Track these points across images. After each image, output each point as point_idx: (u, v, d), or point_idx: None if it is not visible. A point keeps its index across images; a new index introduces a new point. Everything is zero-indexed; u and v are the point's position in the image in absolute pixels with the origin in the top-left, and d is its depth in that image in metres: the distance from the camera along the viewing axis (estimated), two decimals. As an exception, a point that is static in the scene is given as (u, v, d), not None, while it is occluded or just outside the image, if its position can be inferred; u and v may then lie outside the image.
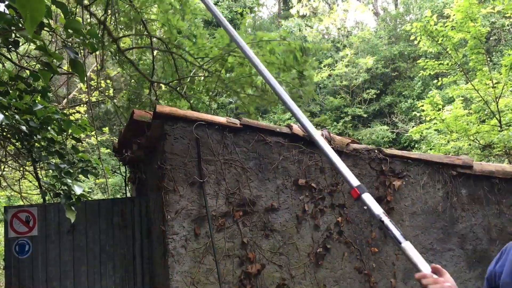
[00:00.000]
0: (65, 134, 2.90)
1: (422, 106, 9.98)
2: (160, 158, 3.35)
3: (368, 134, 17.96)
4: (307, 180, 3.67)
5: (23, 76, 2.80)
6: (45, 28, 2.24)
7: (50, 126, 2.68)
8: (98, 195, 12.77)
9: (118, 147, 4.41)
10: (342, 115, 19.52)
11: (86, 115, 9.86)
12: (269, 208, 3.53)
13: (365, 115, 19.52)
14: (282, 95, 1.81)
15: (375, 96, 19.40)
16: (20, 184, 6.02)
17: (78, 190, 2.53)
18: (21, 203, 6.38)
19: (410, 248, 1.41)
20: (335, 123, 19.26)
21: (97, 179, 11.31)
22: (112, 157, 13.24)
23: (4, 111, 2.36)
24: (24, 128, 2.51)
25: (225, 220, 3.39)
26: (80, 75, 2.24)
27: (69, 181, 2.54)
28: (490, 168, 4.21)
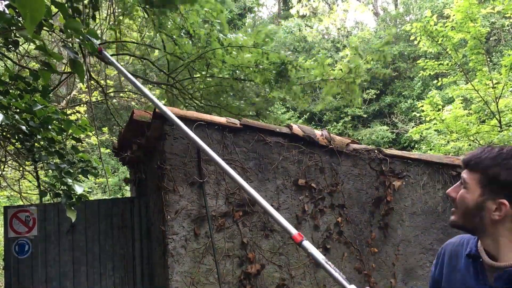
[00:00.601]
0: (65, 134, 2.90)
1: (422, 106, 9.98)
2: (160, 158, 3.35)
3: (368, 134, 17.97)
4: (307, 180, 3.67)
5: (23, 75, 2.80)
6: (44, 28, 2.24)
7: (50, 126, 2.68)
8: (98, 195, 12.77)
9: (118, 147, 4.41)
10: (342, 115, 19.52)
11: (86, 115, 9.86)
12: (269, 208, 3.53)
13: (365, 116, 19.53)
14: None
15: (375, 96, 19.41)
16: (20, 184, 6.02)
17: (79, 190, 2.53)
18: (20, 203, 6.38)
19: None
20: (335, 123, 19.26)
21: (97, 179, 11.32)
22: (112, 157, 13.25)
23: (4, 111, 2.36)
24: (24, 128, 2.51)
25: (225, 220, 3.39)
26: (80, 75, 2.24)
27: (69, 181, 2.54)
28: (490, 169, 4.20)
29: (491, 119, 9.34)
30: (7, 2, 2.17)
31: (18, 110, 2.58)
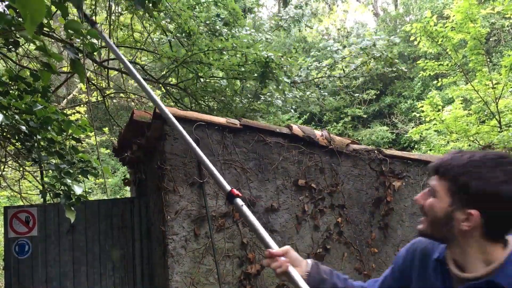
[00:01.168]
0: (65, 134, 2.90)
1: (422, 106, 9.98)
2: (160, 158, 3.35)
3: (368, 135, 17.96)
4: (307, 180, 3.67)
5: (24, 76, 2.80)
6: (45, 29, 2.24)
7: (50, 126, 2.68)
8: (97, 195, 12.77)
9: (118, 147, 4.42)
10: (342, 116, 19.52)
11: (86, 115, 9.86)
12: (269, 209, 3.53)
13: (365, 116, 19.52)
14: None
15: (375, 96, 19.40)
16: (20, 184, 6.02)
17: (78, 190, 2.53)
18: (20, 203, 6.38)
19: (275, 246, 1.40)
20: (334, 124, 19.26)
21: (97, 180, 11.31)
22: (112, 157, 13.25)
23: (4, 111, 2.36)
24: (24, 128, 2.51)
25: (224, 220, 3.39)
26: (80, 75, 2.24)
27: (69, 181, 2.54)
28: (490, 169, 4.20)
29: (491, 120, 9.34)
30: (7, 3, 2.17)
31: (18, 111, 2.58)
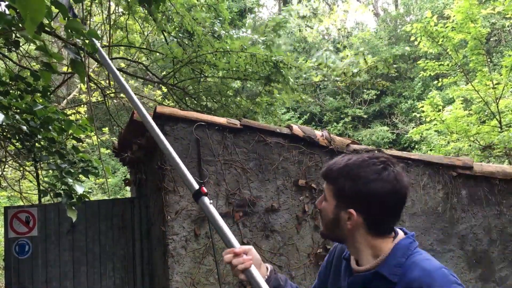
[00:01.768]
0: (65, 134, 2.90)
1: (422, 107, 9.98)
2: (160, 158, 3.35)
3: (368, 135, 17.96)
4: (307, 180, 3.67)
5: (24, 76, 2.80)
6: (45, 29, 2.24)
7: (51, 126, 2.68)
8: (98, 195, 12.77)
9: (118, 147, 4.42)
10: (342, 116, 19.52)
11: (87, 115, 9.86)
12: (269, 209, 3.53)
13: (365, 116, 19.52)
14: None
15: (375, 97, 19.40)
16: (20, 184, 6.03)
17: (79, 190, 2.53)
18: (21, 203, 6.38)
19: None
20: (335, 124, 19.26)
21: (97, 180, 11.32)
22: (112, 157, 13.24)
23: (5, 111, 2.36)
24: (24, 128, 2.51)
25: (225, 220, 3.38)
26: (80, 75, 2.24)
27: (70, 180, 2.54)
28: (490, 169, 4.21)
29: (491, 120, 9.34)
30: (7, 3, 2.17)
31: (18, 110, 2.58)
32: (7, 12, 2.19)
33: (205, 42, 4.98)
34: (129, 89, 1.80)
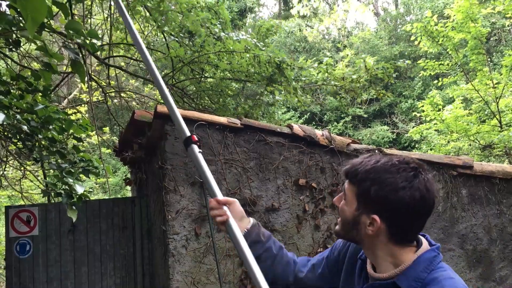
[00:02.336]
0: (66, 133, 2.91)
1: (422, 106, 9.98)
2: (160, 158, 3.35)
3: (369, 134, 17.98)
4: (308, 180, 3.68)
5: (25, 75, 2.81)
6: (46, 29, 2.24)
7: (52, 126, 2.69)
8: (98, 195, 12.77)
9: (119, 147, 4.42)
10: (342, 115, 19.52)
11: (87, 115, 9.87)
12: (269, 208, 3.54)
13: (365, 115, 19.53)
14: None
15: (375, 96, 19.39)
16: (21, 183, 6.04)
17: (80, 190, 2.54)
18: (22, 202, 6.39)
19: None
20: (335, 123, 19.27)
21: (97, 179, 11.32)
22: (113, 157, 13.26)
23: (5, 111, 2.36)
24: (25, 127, 2.51)
25: (225, 220, 3.39)
26: (80, 75, 2.25)
27: (70, 180, 2.54)
28: (491, 169, 4.21)
29: (491, 119, 9.34)
30: (8, 3, 2.18)
31: (19, 110, 2.59)
32: (8, 12, 2.20)
33: (207, 42, 4.98)
34: (143, 45, 1.74)
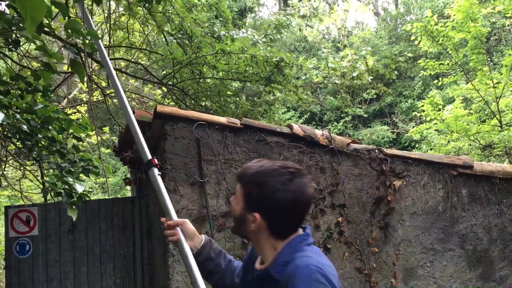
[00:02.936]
0: (65, 133, 2.90)
1: (423, 106, 9.97)
2: (160, 158, 3.35)
3: (369, 134, 17.96)
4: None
5: (24, 75, 2.80)
6: (45, 29, 2.24)
7: (51, 126, 2.68)
8: (98, 195, 12.77)
9: (118, 147, 4.42)
10: (342, 115, 19.51)
11: (87, 115, 9.86)
12: (269, 208, 3.53)
13: (365, 115, 19.51)
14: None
15: (375, 96, 19.39)
16: (21, 183, 6.03)
17: (80, 189, 2.53)
18: (21, 203, 6.38)
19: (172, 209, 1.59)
20: (335, 123, 19.26)
21: (97, 179, 11.32)
22: (112, 157, 13.25)
23: (5, 111, 2.36)
24: (25, 127, 2.51)
25: (225, 220, 3.39)
26: (80, 75, 2.24)
27: (70, 179, 2.54)
28: (491, 168, 4.20)
29: (491, 119, 9.33)
30: (7, 2, 2.17)
31: (19, 110, 2.58)
32: (7, 11, 2.19)
33: (204, 43, 4.98)
34: (121, 89, 1.85)
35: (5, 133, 2.87)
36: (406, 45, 19.66)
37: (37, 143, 2.78)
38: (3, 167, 4.93)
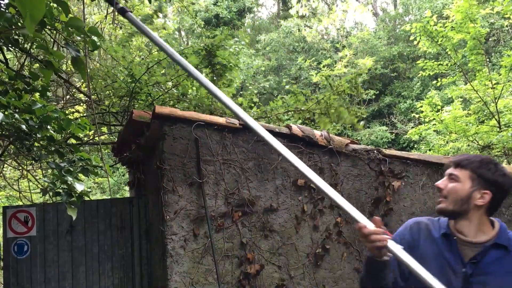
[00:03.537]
0: (64, 132, 2.90)
1: (421, 107, 9.98)
2: (159, 158, 3.34)
3: (367, 135, 17.96)
4: (306, 180, 3.67)
5: (23, 75, 2.80)
6: (46, 27, 2.23)
7: (50, 125, 2.68)
8: (97, 195, 12.75)
9: (117, 147, 4.41)
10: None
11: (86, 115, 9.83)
12: (268, 209, 3.53)
13: (364, 116, 19.50)
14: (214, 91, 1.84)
15: (374, 96, 19.40)
16: (19, 183, 6.02)
17: (79, 188, 2.53)
18: (19, 203, 6.37)
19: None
20: (334, 124, 19.24)
21: (96, 179, 11.30)
22: (111, 157, 13.21)
23: (4, 110, 2.35)
24: (23, 127, 2.50)
25: (224, 220, 3.39)
26: (81, 73, 2.24)
27: (69, 179, 2.53)
28: (489, 169, 4.20)
29: (490, 120, 9.34)
30: (7, 1, 2.17)
31: (17, 109, 2.58)
32: (7, 10, 2.19)
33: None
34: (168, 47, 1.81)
35: (3, 132, 2.87)
36: (405, 45, 19.68)
37: (35, 143, 2.78)
38: (1, 167, 4.91)
